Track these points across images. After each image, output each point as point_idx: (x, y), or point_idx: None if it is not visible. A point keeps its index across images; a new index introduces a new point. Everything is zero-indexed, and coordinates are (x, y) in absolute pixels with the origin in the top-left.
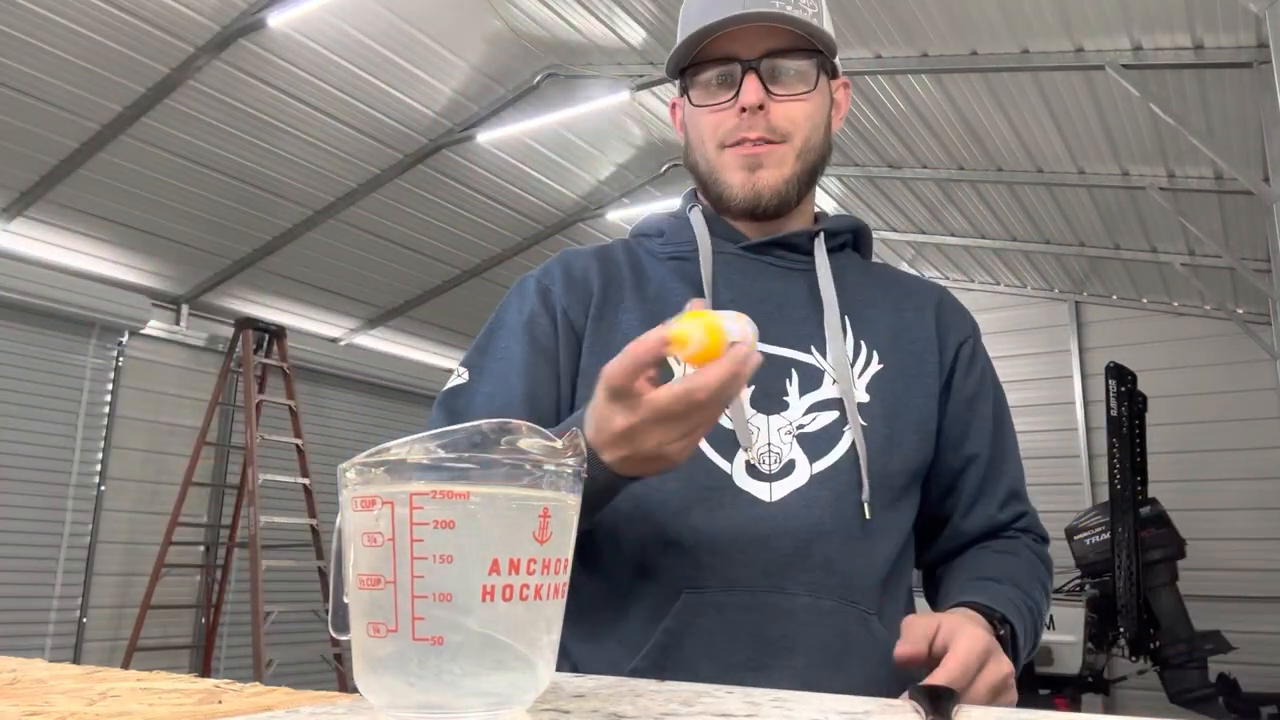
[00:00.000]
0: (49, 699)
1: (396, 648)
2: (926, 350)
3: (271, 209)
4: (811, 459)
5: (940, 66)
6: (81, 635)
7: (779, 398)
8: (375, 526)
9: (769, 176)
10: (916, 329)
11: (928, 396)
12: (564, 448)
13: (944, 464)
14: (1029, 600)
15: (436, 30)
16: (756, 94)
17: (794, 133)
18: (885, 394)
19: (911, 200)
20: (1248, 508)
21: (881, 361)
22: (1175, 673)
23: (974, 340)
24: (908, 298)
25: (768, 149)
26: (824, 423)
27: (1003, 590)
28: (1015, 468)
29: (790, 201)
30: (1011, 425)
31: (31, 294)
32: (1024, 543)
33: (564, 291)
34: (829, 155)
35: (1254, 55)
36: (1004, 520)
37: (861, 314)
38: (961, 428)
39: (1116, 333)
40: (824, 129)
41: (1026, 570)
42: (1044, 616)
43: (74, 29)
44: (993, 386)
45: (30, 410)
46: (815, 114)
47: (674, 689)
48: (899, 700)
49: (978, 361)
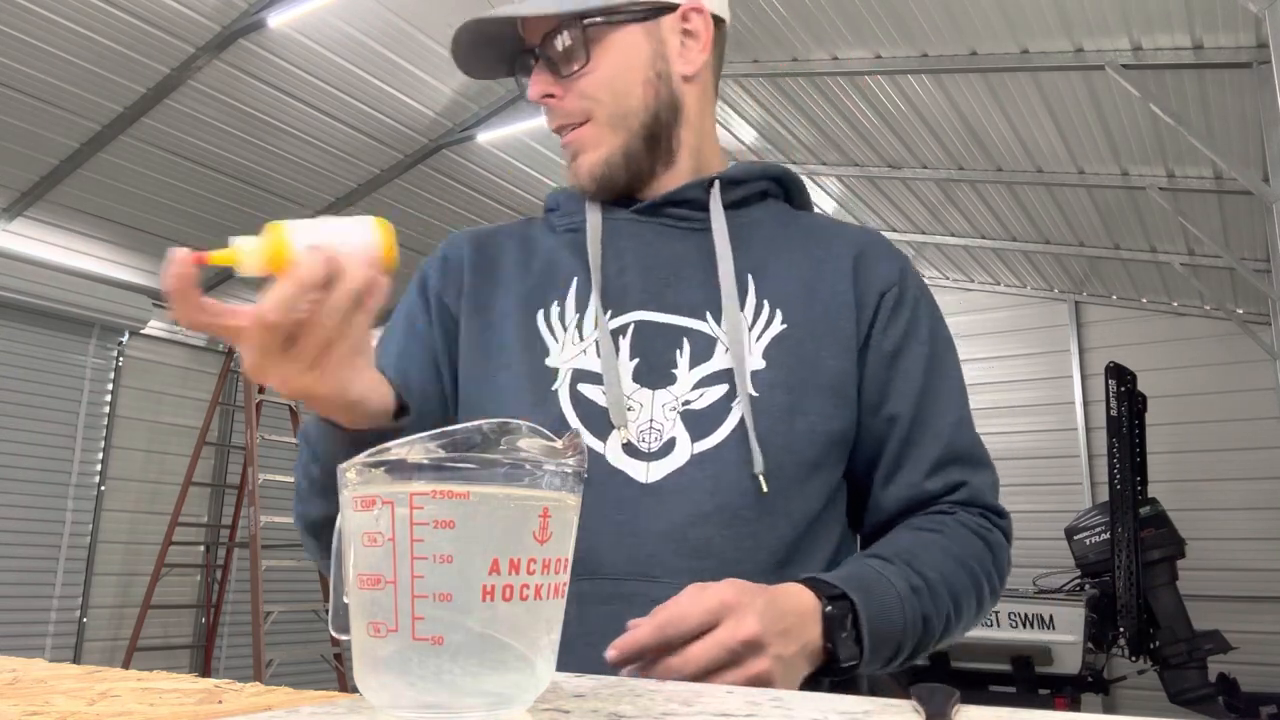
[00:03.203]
0: (49, 699)
1: (396, 648)
2: (841, 305)
3: (271, 209)
4: (694, 437)
5: (940, 66)
6: (81, 635)
7: (667, 370)
8: (375, 526)
9: (585, 162)
10: (831, 282)
11: (841, 357)
12: (564, 447)
13: (866, 430)
14: (922, 578)
15: (437, 30)
16: (536, 86)
17: (594, 108)
18: (787, 358)
19: (911, 200)
20: (1248, 508)
21: (786, 321)
22: (1175, 673)
23: (900, 288)
24: (826, 249)
25: (575, 134)
26: (712, 398)
27: (870, 567)
28: (954, 429)
29: (621, 177)
30: (956, 383)
31: (31, 294)
32: (959, 518)
33: (439, 276)
34: (680, 101)
35: (1254, 55)
36: (933, 491)
37: (770, 271)
38: (880, 387)
39: (1116, 333)
40: (644, 83)
41: (943, 548)
42: (970, 599)
43: (74, 29)
44: (928, 339)
45: (30, 410)
46: (615, 78)
47: (674, 689)
48: (899, 700)
49: (903, 311)
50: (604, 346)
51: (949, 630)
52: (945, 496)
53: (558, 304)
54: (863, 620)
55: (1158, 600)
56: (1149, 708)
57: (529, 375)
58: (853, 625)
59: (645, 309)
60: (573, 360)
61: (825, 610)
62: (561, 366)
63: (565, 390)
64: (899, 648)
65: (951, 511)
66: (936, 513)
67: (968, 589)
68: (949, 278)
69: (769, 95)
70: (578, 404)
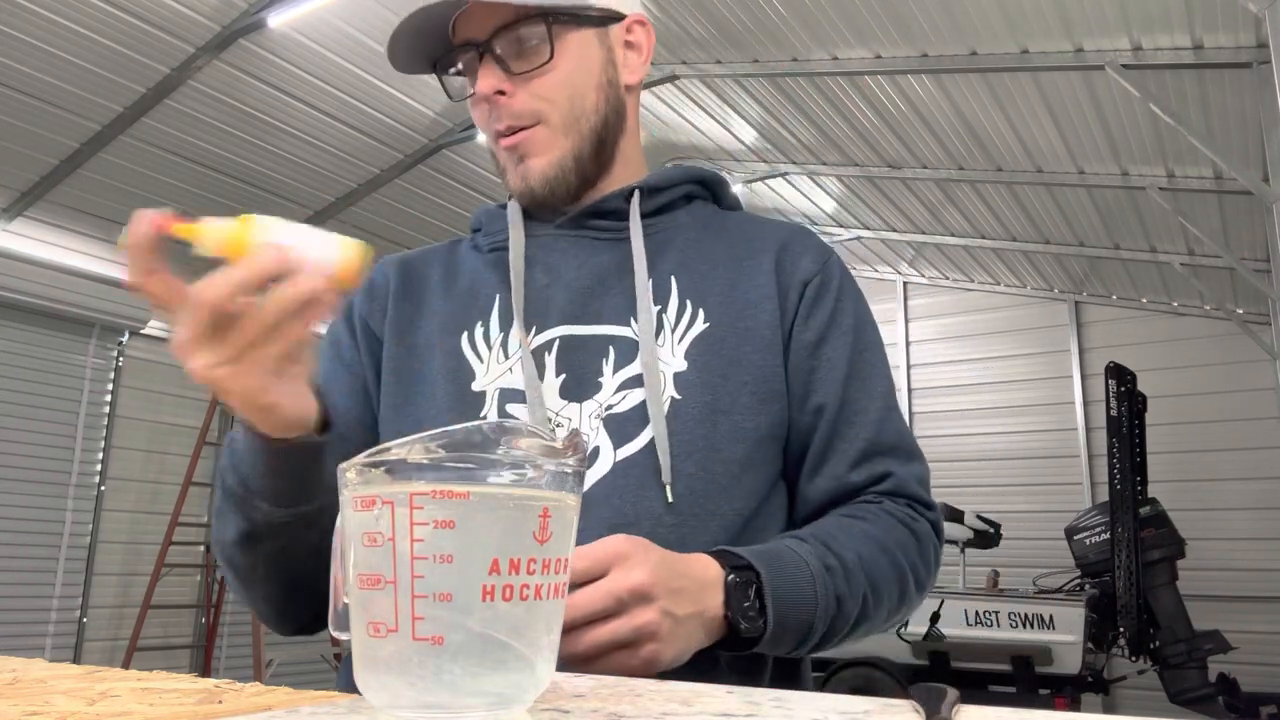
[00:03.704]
0: (49, 699)
1: (396, 648)
2: (764, 300)
3: (272, 209)
4: (616, 444)
5: (940, 66)
6: (81, 635)
7: (593, 380)
8: (375, 526)
9: (535, 165)
10: (755, 277)
11: (764, 353)
12: (564, 447)
13: (794, 425)
14: (838, 558)
15: None
16: (487, 81)
17: (547, 110)
18: (709, 356)
19: (911, 200)
20: (1248, 508)
21: (708, 320)
22: (1175, 673)
23: (823, 277)
24: (748, 245)
25: (524, 136)
26: (633, 402)
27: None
28: (879, 419)
29: (570, 183)
30: (880, 371)
31: (31, 294)
32: (885, 507)
33: (365, 302)
34: (624, 109)
35: (1254, 55)
36: (858, 483)
37: (694, 271)
38: (804, 379)
39: (1116, 333)
40: (597, 88)
41: (864, 532)
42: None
43: (74, 29)
44: (851, 328)
45: (30, 410)
46: (572, 78)
47: (674, 689)
48: (899, 700)
49: (825, 301)
50: (525, 366)
51: (866, 616)
52: (870, 488)
53: (481, 324)
54: (767, 592)
55: (1158, 600)
56: (1149, 708)
57: (454, 402)
58: (757, 597)
59: (568, 323)
60: (498, 380)
61: (728, 579)
62: (488, 388)
63: (493, 413)
64: (809, 628)
65: (877, 501)
66: (862, 502)
67: (888, 576)
68: (949, 278)
69: (769, 95)
70: None
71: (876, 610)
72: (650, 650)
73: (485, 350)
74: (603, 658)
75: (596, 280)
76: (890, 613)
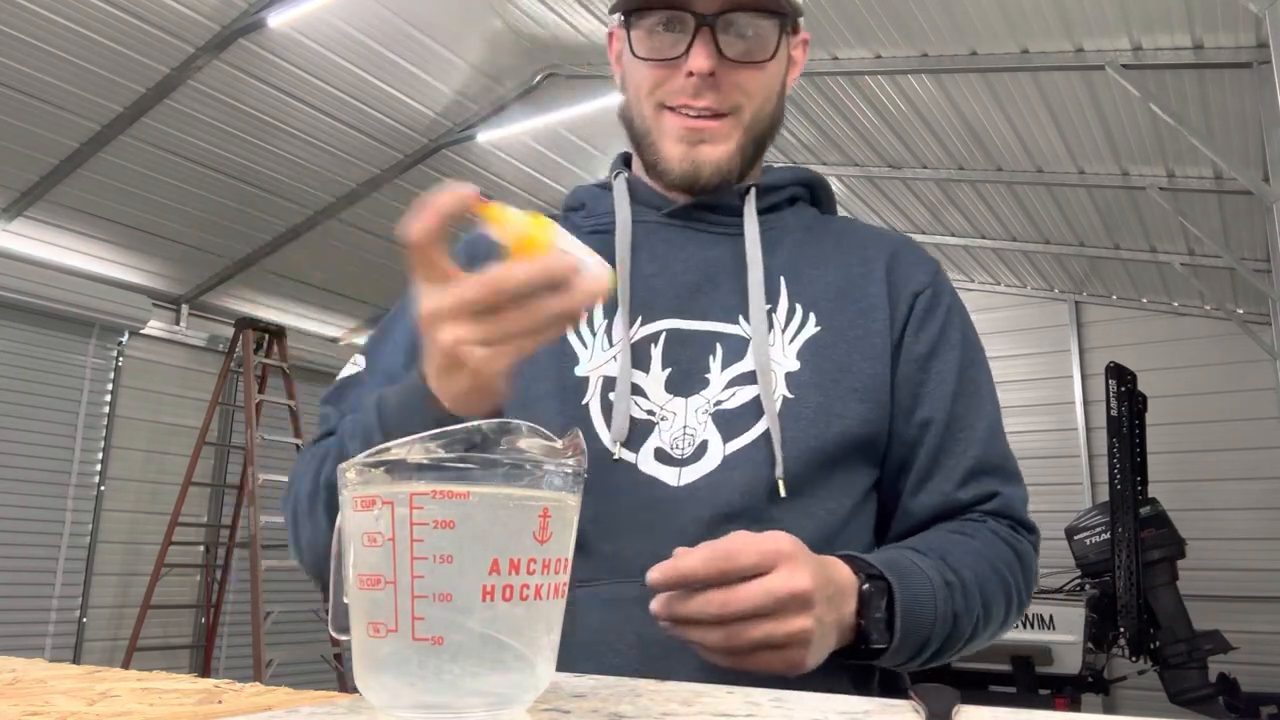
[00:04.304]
0: (49, 699)
1: (396, 648)
2: (874, 308)
3: (271, 209)
4: (725, 438)
5: (940, 66)
6: (81, 635)
7: (700, 376)
8: (375, 526)
9: (711, 153)
10: (865, 285)
11: (874, 361)
12: (564, 447)
13: (897, 436)
14: (956, 575)
15: (436, 30)
16: (707, 59)
17: (745, 104)
18: (821, 360)
19: (911, 200)
20: (1248, 508)
21: (819, 324)
22: (1175, 673)
23: (933, 290)
24: (858, 251)
25: (716, 123)
26: (744, 398)
27: (906, 556)
28: (987, 438)
29: (733, 178)
30: (988, 390)
31: (31, 294)
32: (990, 526)
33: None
34: (780, 122)
35: (1254, 55)
36: (964, 500)
37: (802, 274)
38: (912, 390)
39: (1116, 333)
40: (778, 96)
41: (975, 551)
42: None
43: (74, 29)
44: (960, 344)
45: (30, 410)
46: (772, 82)
47: (673, 689)
48: (899, 700)
49: (936, 315)
50: (622, 357)
51: (976, 634)
52: (976, 506)
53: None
54: (898, 603)
55: (1158, 600)
56: (1149, 708)
57: (557, 386)
58: (886, 608)
59: (676, 316)
60: (602, 367)
61: (862, 587)
62: (591, 374)
63: (596, 402)
64: (927, 641)
65: (982, 520)
66: (968, 520)
67: (997, 595)
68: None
69: None
70: (607, 415)
71: (985, 628)
72: (798, 655)
73: (589, 335)
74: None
75: (704, 275)
76: (994, 631)
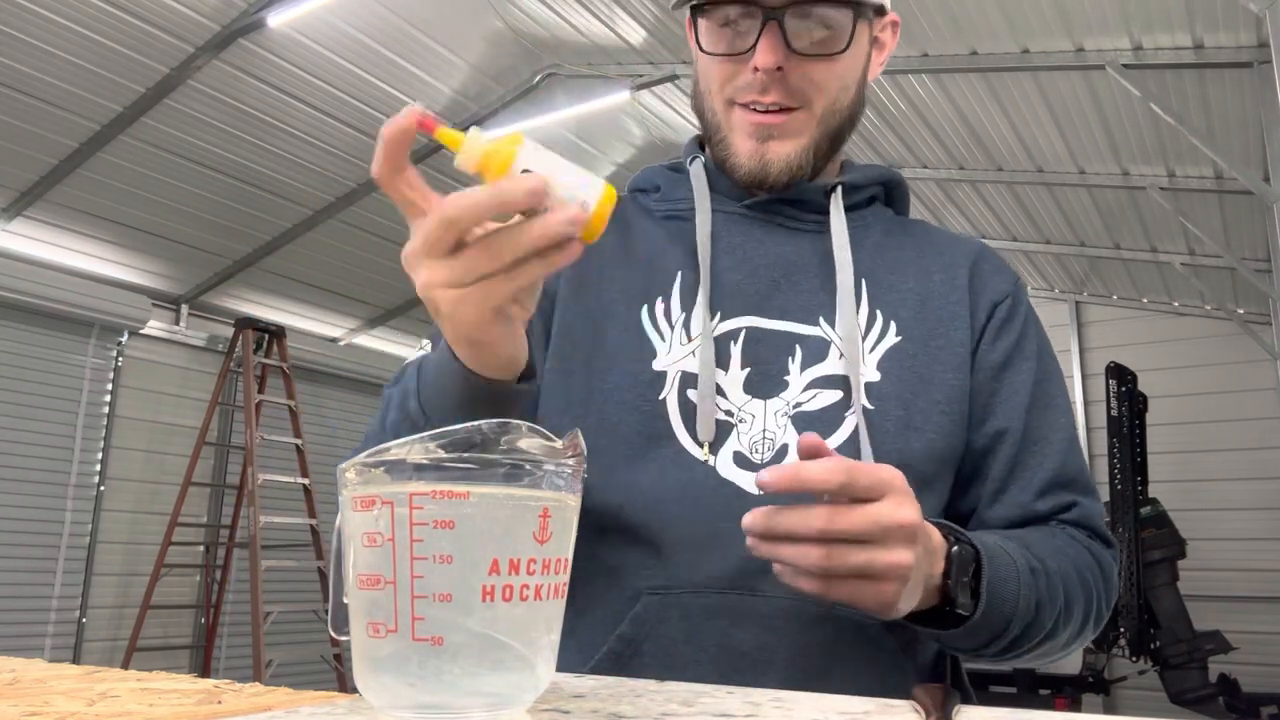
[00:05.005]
0: (49, 699)
1: (396, 648)
2: (955, 318)
3: (271, 209)
4: None
5: (940, 66)
6: (81, 635)
7: (779, 378)
8: (375, 527)
9: (781, 149)
10: (946, 294)
11: (956, 372)
12: (564, 447)
13: (970, 446)
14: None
15: (436, 30)
16: (773, 55)
17: (816, 98)
18: (902, 371)
19: (912, 200)
20: (1248, 508)
21: (900, 334)
22: (1175, 673)
23: (1013, 300)
24: (939, 258)
25: (784, 118)
26: (826, 402)
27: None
28: (1064, 450)
29: (805, 173)
30: (1063, 402)
31: (31, 294)
32: (1070, 533)
33: None
34: (861, 112)
35: (1254, 55)
36: (1043, 511)
37: (882, 280)
38: (986, 400)
39: (1117, 333)
40: (855, 87)
41: (1058, 549)
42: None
43: (74, 29)
44: (1035, 355)
45: (30, 410)
46: (846, 74)
47: (673, 689)
48: (899, 700)
49: (1014, 325)
50: (703, 353)
51: (1055, 632)
52: (1055, 516)
53: (662, 300)
54: (985, 574)
55: (1158, 600)
56: (1149, 708)
57: (633, 380)
58: (974, 577)
59: (756, 314)
60: (680, 362)
61: (951, 549)
62: (669, 369)
63: (674, 396)
64: (1009, 624)
65: (1062, 528)
66: (1049, 527)
67: (1078, 595)
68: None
69: None
70: (685, 412)
71: (1064, 628)
72: (892, 590)
73: (667, 328)
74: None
75: (784, 274)
76: (1071, 638)
